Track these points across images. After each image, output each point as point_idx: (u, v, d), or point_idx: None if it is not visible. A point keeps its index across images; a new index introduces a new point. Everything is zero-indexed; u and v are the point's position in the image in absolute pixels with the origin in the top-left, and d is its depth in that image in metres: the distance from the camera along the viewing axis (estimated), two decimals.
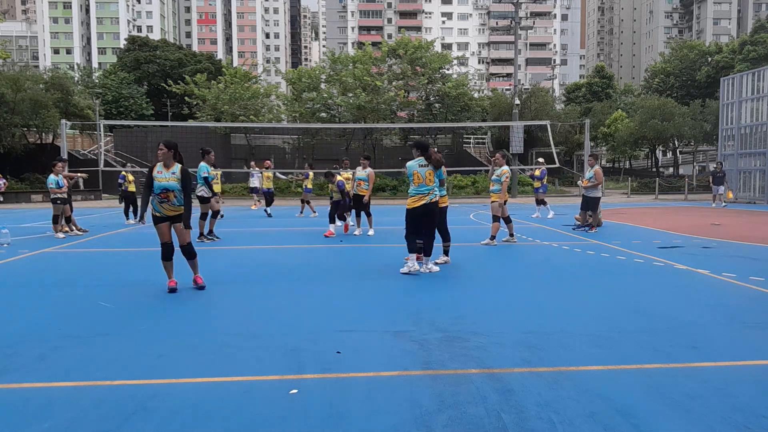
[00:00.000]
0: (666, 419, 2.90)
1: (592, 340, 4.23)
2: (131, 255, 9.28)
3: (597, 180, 11.94)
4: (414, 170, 7.09)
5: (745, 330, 4.51)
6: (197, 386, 3.39)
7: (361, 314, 5.10)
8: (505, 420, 2.89)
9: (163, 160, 5.99)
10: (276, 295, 6.01)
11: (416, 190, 7.07)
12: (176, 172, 5.96)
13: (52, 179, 11.62)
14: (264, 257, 8.82)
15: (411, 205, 7.09)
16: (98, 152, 28.98)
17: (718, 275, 6.82)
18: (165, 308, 5.40)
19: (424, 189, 7.03)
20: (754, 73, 24.78)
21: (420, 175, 7.05)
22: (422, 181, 7.03)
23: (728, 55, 53.41)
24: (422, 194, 7.02)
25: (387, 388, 3.33)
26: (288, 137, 42.30)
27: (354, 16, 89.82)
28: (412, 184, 7.10)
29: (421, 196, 7.02)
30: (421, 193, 7.02)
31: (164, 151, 5.96)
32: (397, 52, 37.78)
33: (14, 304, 5.67)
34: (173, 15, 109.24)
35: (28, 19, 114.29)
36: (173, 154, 6.00)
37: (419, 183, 7.04)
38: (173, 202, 5.97)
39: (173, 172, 5.96)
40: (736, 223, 14.11)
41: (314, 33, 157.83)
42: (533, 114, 39.11)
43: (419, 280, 6.77)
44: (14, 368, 3.72)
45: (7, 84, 32.83)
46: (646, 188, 34.34)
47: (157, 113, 55.23)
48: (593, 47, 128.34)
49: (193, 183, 10.36)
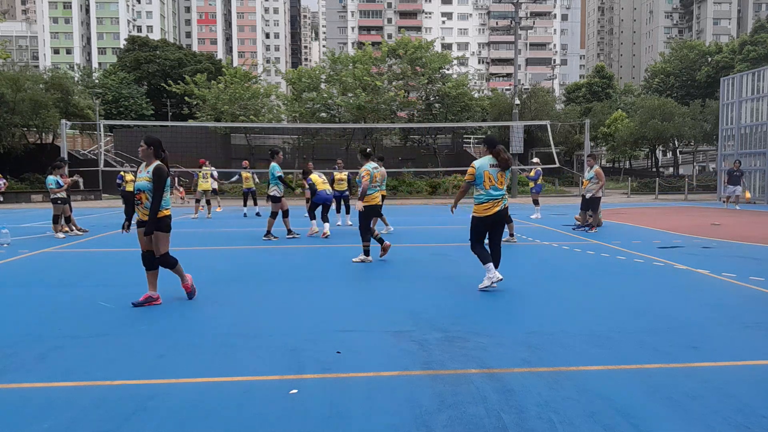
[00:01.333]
0: (666, 419, 2.90)
1: (592, 340, 4.23)
2: (131, 255, 9.27)
3: (599, 179, 11.93)
4: (485, 170, 6.07)
5: (745, 330, 4.51)
6: (197, 386, 3.39)
7: (361, 314, 5.10)
8: (505, 420, 2.89)
9: (143, 157, 5.50)
10: (276, 295, 6.01)
11: (488, 195, 6.03)
12: (150, 170, 5.38)
13: (52, 179, 11.64)
14: (264, 257, 8.82)
15: (482, 212, 6.05)
16: (98, 152, 29.00)
17: (718, 275, 6.82)
18: (165, 308, 5.40)
19: (497, 193, 6.04)
20: (754, 73, 24.77)
21: (492, 177, 6.04)
22: (494, 183, 6.04)
23: (728, 55, 53.44)
24: (495, 200, 6.01)
25: (387, 388, 3.32)
26: (288, 137, 42.31)
27: (354, 16, 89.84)
28: (482, 188, 6.06)
29: (495, 202, 6.01)
30: (494, 199, 6.01)
31: (143, 147, 5.47)
32: (397, 52, 37.79)
33: (14, 304, 5.67)
34: (173, 15, 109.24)
35: (28, 19, 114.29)
36: (153, 152, 5.45)
37: (491, 186, 6.03)
38: (146, 204, 5.40)
39: (149, 170, 5.39)
40: (736, 223, 14.11)
41: (314, 33, 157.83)
42: (533, 114, 39.12)
43: (419, 280, 6.77)
44: (14, 368, 3.72)
45: (7, 84, 32.84)
46: (646, 188, 34.33)
47: (157, 113, 55.26)
48: (593, 47, 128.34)
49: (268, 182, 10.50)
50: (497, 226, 6.14)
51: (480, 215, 6.06)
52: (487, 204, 6.02)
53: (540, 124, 30.43)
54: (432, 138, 41.03)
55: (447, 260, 8.42)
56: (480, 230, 6.12)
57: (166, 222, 5.44)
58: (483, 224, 6.08)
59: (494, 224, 6.09)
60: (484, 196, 6.04)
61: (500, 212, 6.03)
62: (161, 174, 5.33)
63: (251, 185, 18.68)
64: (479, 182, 6.06)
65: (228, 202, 26.70)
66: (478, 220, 6.10)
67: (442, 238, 11.28)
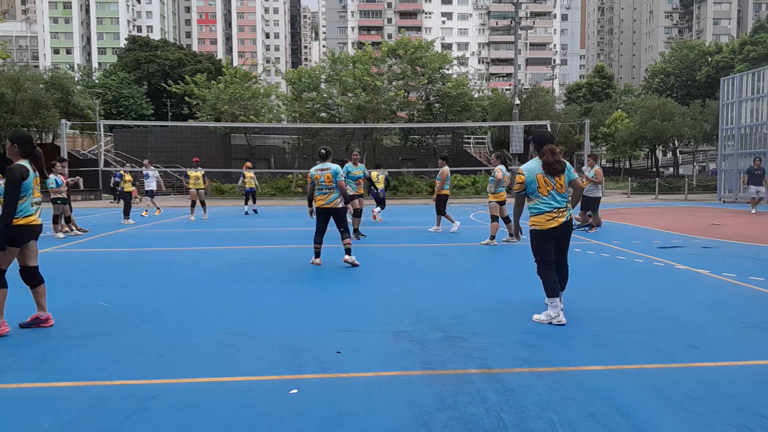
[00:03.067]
0: (666, 419, 2.90)
1: (592, 340, 4.23)
2: (131, 255, 9.27)
3: (597, 179, 11.95)
4: (537, 173, 4.87)
5: (745, 330, 4.51)
6: (197, 386, 3.39)
7: (361, 314, 5.10)
8: (505, 420, 2.89)
9: (10, 156, 4.66)
10: (276, 295, 6.01)
11: (546, 203, 4.83)
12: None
13: (51, 179, 11.63)
14: (263, 257, 8.82)
15: (543, 225, 4.84)
16: (98, 152, 29.00)
17: (718, 275, 6.82)
18: (165, 308, 5.40)
19: (557, 202, 4.85)
20: (754, 73, 24.76)
21: (549, 181, 4.85)
22: (553, 187, 4.85)
23: (728, 55, 53.46)
24: (556, 210, 4.83)
25: (387, 388, 3.32)
26: (288, 137, 42.32)
27: (354, 16, 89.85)
28: (538, 196, 4.87)
29: (558, 212, 4.82)
30: (555, 209, 4.83)
31: (8, 145, 4.65)
32: (397, 52, 37.79)
33: (14, 304, 5.66)
34: (173, 15, 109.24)
35: (28, 19, 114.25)
36: (19, 150, 4.58)
37: (548, 192, 4.85)
38: None
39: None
40: (736, 223, 14.11)
41: (314, 33, 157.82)
42: (533, 114, 39.10)
43: (419, 280, 6.77)
44: (14, 368, 3.72)
45: (7, 84, 32.85)
46: (646, 188, 34.31)
47: (157, 113, 55.29)
48: (593, 47, 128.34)
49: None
50: (562, 240, 4.94)
51: (543, 227, 4.84)
52: (544, 215, 4.83)
53: (540, 124, 30.40)
54: (432, 138, 41.02)
55: (447, 260, 8.41)
56: (546, 247, 4.88)
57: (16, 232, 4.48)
58: (545, 239, 4.87)
59: (560, 238, 4.91)
60: (542, 205, 4.84)
61: (566, 224, 4.87)
62: (12, 175, 4.43)
63: (253, 185, 19.20)
64: (532, 189, 4.89)
65: (227, 203, 26.71)
66: (537, 235, 4.91)
67: (442, 238, 11.28)
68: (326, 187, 7.69)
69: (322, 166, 7.76)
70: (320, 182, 7.71)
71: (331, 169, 7.70)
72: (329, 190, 7.70)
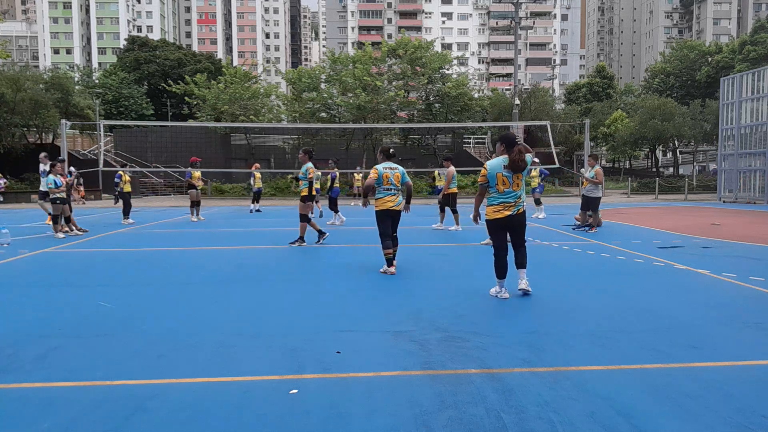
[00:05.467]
0: (666, 419, 2.89)
1: (592, 340, 4.23)
2: (131, 255, 9.27)
3: (598, 179, 11.95)
4: (498, 172, 5.56)
5: (745, 330, 4.51)
6: (197, 386, 3.39)
7: (361, 314, 5.10)
8: (505, 420, 2.89)
9: None
10: (276, 295, 6.00)
11: (498, 197, 5.60)
12: None
13: (51, 179, 11.64)
14: (263, 257, 8.82)
15: (491, 215, 5.64)
16: (98, 152, 29.00)
17: (718, 275, 6.82)
18: (165, 308, 5.39)
19: (509, 197, 5.57)
20: (754, 73, 24.77)
21: (507, 179, 5.54)
22: (509, 186, 5.55)
23: (728, 55, 53.46)
24: (507, 204, 5.56)
25: (387, 388, 3.32)
26: (288, 137, 42.33)
27: (354, 16, 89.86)
28: (495, 190, 5.60)
29: (505, 206, 5.57)
30: (506, 202, 5.56)
31: None
32: (397, 52, 37.82)
33: (14, 304, 5.66)
34: (173, 15, 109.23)
35: (28, 19, 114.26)
36: None
37: (503, 189, 5.57)
38: None
39: None
40: (736, 223, 14.11)
41: (314, 33, 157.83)
42: (533, 114, 39.12)
43: (419, 279, 6.77)
44: (14, 368, 3.72)
45: (7, 84, 32.81)
46: (646, 188, 34.33)
47: (157, 113, 55.27)
48: (593, 47, 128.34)
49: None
50: (515, 230, 5.68)
51: (490, 217, 5.65)
52: (496, 206, 5.60)
53: (540, 124, 30.43)
54: (432, 138, 41.03)
55: (447, 260, 8.41)
56: (496, 234, 5.71)
57: None
58: (497, 227, 5.67)
59: (508, 229, 5.66)
60: (495, 198, 5.61)
61: (512, 217, 5.56)
62: None
63: (260, 185, 19.88)
64: (492, 184, 5.61)
65: (228, 202, 26.70)
66: (488, 222, 5.74)
67: (443, 238, 11.28)
68: (395, 187, 7.34)
69: (390, 165, 7.40)
70: (389, 181, 7.30)
71: (398, 169, 7.43)
72: (397, 191, 7.39)
